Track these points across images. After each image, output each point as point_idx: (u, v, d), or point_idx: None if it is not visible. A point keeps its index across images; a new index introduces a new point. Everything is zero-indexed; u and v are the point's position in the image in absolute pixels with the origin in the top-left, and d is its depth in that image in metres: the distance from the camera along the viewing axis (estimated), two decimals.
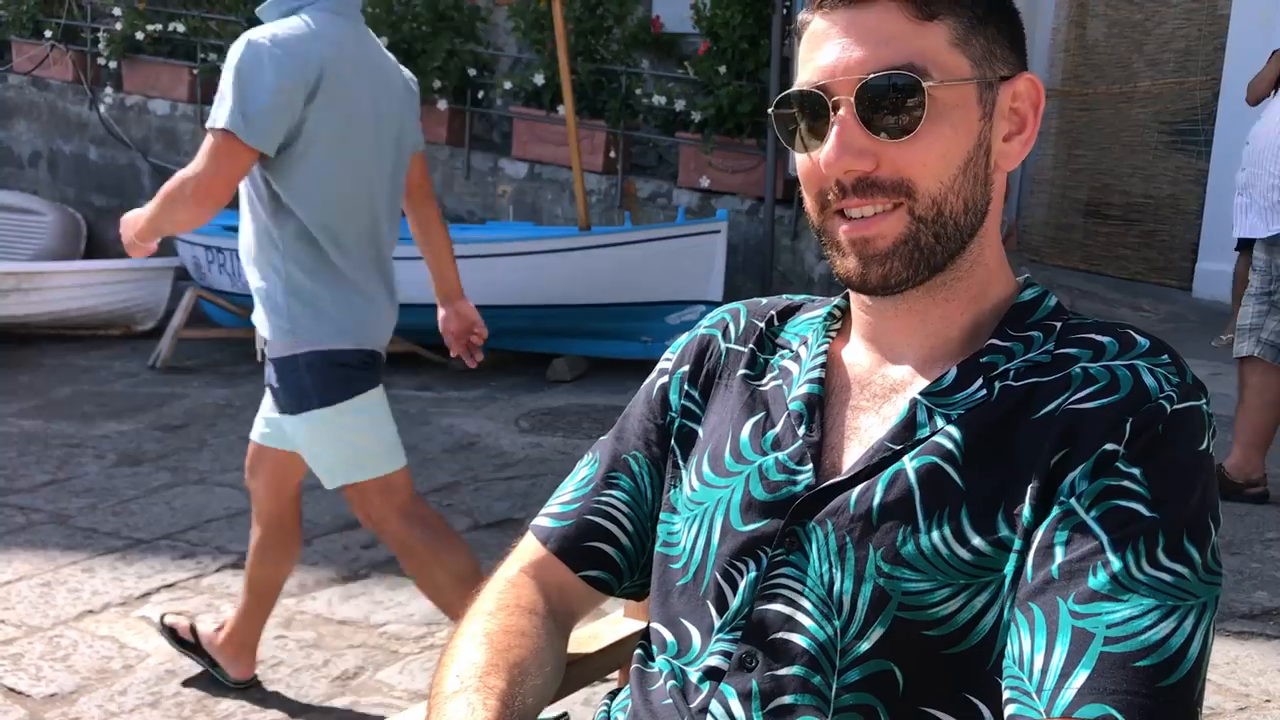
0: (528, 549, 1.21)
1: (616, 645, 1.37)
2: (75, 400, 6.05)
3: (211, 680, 3.00)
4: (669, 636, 1.10)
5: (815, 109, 1.01)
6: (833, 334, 1.15)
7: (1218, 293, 6.72)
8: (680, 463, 1.16)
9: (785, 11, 6.93)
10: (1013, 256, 5.14)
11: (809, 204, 1.07)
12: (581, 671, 1.32)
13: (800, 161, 1.06)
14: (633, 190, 7.62)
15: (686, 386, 1.19)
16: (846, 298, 1.17)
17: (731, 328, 1.21)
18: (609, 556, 1.18)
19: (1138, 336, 1.01)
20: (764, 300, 1.25)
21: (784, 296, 1.25)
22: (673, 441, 1.18)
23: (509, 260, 6.41)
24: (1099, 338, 1.01)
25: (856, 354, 1.11)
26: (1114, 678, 0.86)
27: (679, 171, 7.56)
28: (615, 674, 1.41)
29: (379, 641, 3.27)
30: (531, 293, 6.35)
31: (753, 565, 1.04)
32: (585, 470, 1.23)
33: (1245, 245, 6.27)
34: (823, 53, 1.01)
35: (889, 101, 0.98)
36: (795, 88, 1.03)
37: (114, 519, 4.23)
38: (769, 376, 1.15)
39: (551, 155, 7.68)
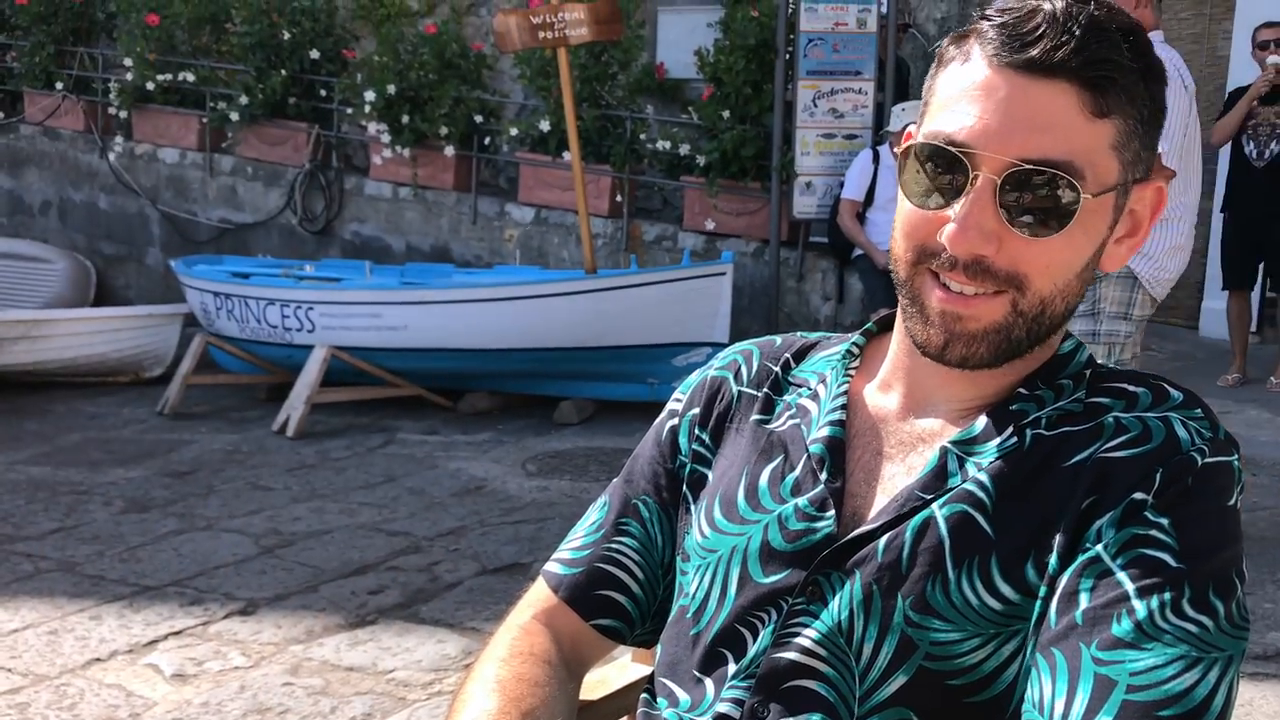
0: (539, 595, 1.19)
1: (624, 690, 1.37)
2: (83, 447, 6.06)
3: None
4: (680, 693, 1.07)
5: (951, 166, 0.94)
6: (852, 372, 1.12)
7: (1224, 331, 6.72)
8: (691, 508, 1.13)
9: (788, 57, 7.01)
10: None
11: (901, 251, 1.00)
12: (589, 717, 1.31)
13: (906, 213, 0.99)
14: (638, 234, 7.66)
15: (697, 430, 1.16)
16: (866, 335, 1.14)
17: (744, 369, 1.18)
18: (620, 605, 1.16)
19: (1170, 389, 0.99)
20: (778, 340, 1.21)
21: (798, 335, 1.21)
22: (684, 487, 1.15)
23: (516, 304, 6.44)
24: (1131, 388, 0.99)
25: (882, 397, 1.08)
26: None
27: (684, 215, 7.60)
28: None
29: (387, 688, 3.26)
30: (538, 336, 6.37)
31: (773, 614, 1.01)
32: (596, 515, 1.21)
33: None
34: (980, 109, 0.93)
35: (1039, 198, 0.92)
36: (937, 138, 0.95)
37: (121, 566, 4.22)
38: (785, 416, 1.12)
39: (557, 200, 7.73)
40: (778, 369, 1.16)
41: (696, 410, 1.18)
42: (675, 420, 1.19)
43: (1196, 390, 1.01)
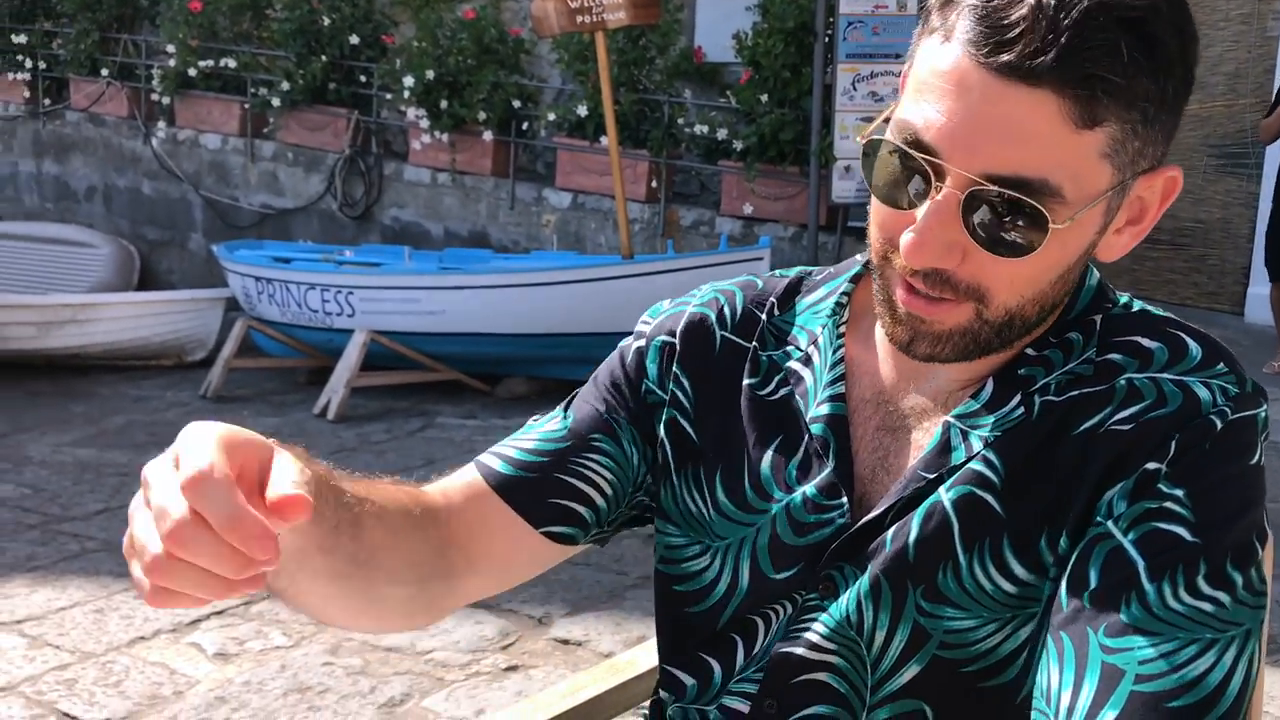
0: (457, 477, 1.06)
1: (654, 672, 1.38)
2: (128, 429, 6.15)
3: (259, 708, 3.03)
4: (687, 679, 1.04)
5: (916, 169, 0.86)
6: (844, 328, 1.03)
7: (1270, 317, 6.61)
8: (670, 461, 1.05)
9: (827, 40, 6.95)
10: None
11: (874, 242, 0.93)
12: (620, 698, 1.32)
13: (877, 215, 0.92)
14: (675, 218, 7.65)
15: (675, 369, 1.06)
16: (854, 281, 1.05)
17: (726, 311, 1.07)
18: (580, 516, 1.05)
19: (1189, 341, 0.91)
20: (760, 281, 1.10)
21: (779, 273, 1.11)
22: (660, 430, 1.05)
23: (553, 289, 6.45)
24: (1146, 343, 0.92)
25: (876, 361, 1.01)
26: (1143, 719, 0.80)
27: (721, 199, 7.58)
28: (646, 704, 1.41)
29: (425, 669, 3.29)
30: (576, 321, 6.38)
31: (787, 606, 0.98)
32: (556, 425, 1.07)
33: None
34: (949, 108, 0.83)
35: (1004, 218, 0.83)
36: (905, 132, 0.86)
37: None
38: (775, 382, 1.03)
39: (595, 185, 7.73)
40: (763, 316, 1.06)
41: (672, 342, 1.06)
42: (642, 343, 1.08)
43: None
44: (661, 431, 1.06)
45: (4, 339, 7.38)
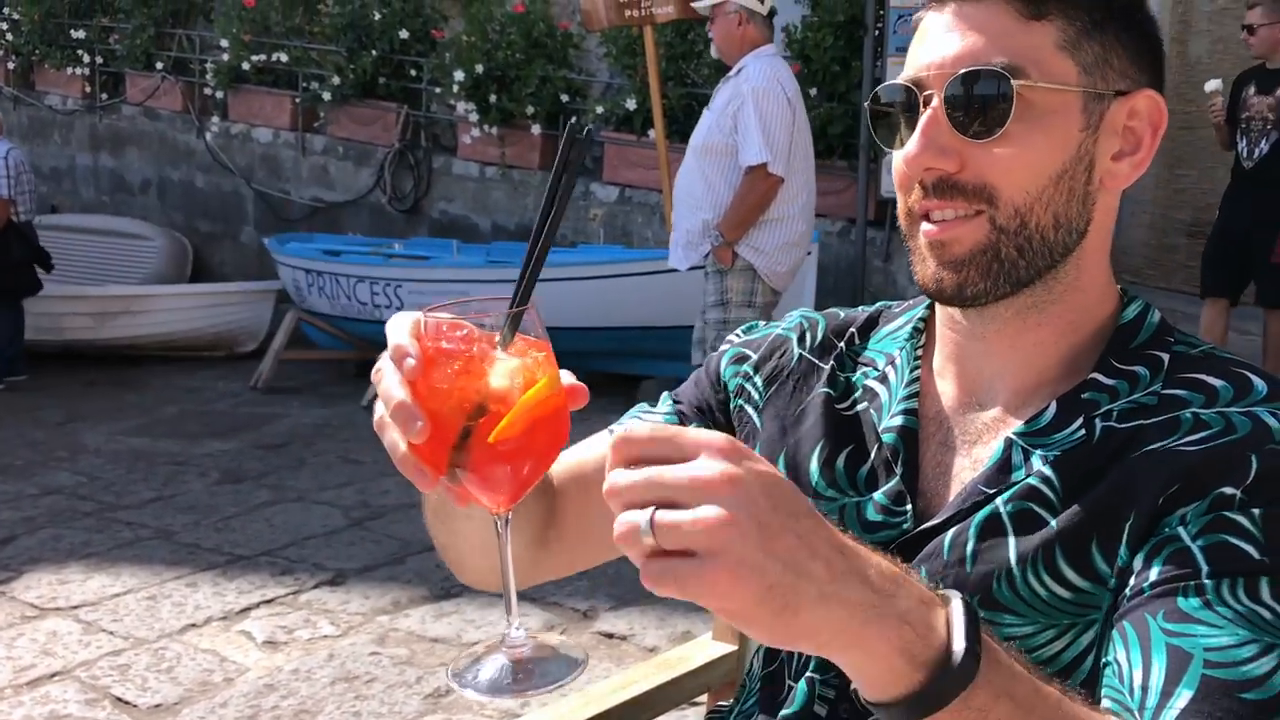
0: (570, 456, 1.15)
1: (705, 668, 1.37)
2: (180, 419, 6.24)
3: (307, 696, 3.06)
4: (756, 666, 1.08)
5: (910, 104, 0.97)
6: (920, 352, 1.09)
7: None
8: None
9: (877, 33, 6.90)
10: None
11: (901, 211, 1.01)
12: (671, 694, 1.32)
13: (895, 164, 1.00)
14: None
15: (750, 370, 1.14)
16: (930, 308, 1.10)
17: (809, 335, 1.15)
18: None
19: (1254, 379, 0.93)
20: (841, 313, 1.18)
21: (861, 309, 1.18)
22: (727, 417, 1.14)
23: (600, 283, 6.46)
24: (1211, 380, 0.94)
25: (945, 382, 1.05)
26: (1219, 705, 0.80)
27: None
28: (704, 697, 1.41)
29: None
30: (622, 315, 6.38)
31: None
32: (662, 405, 1.18)
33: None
34: (925, 48, 0.97)
35: (978, 99, 0.93)
36: (889, 82, 0.99)
37: (216, 535, 4.35)
38: (852, 400, 1.09)
39: (642, 179, 7.72)
40: (842, 344, 1.13)
41: (750, 353, 1.16)
42: (726, 347, 1.18)
43: None
44: (728, 419, 1.14)
45: (61, 329, 7.51)
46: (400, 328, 0.84)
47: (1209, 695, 0.80)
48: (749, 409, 1.13)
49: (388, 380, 0.81)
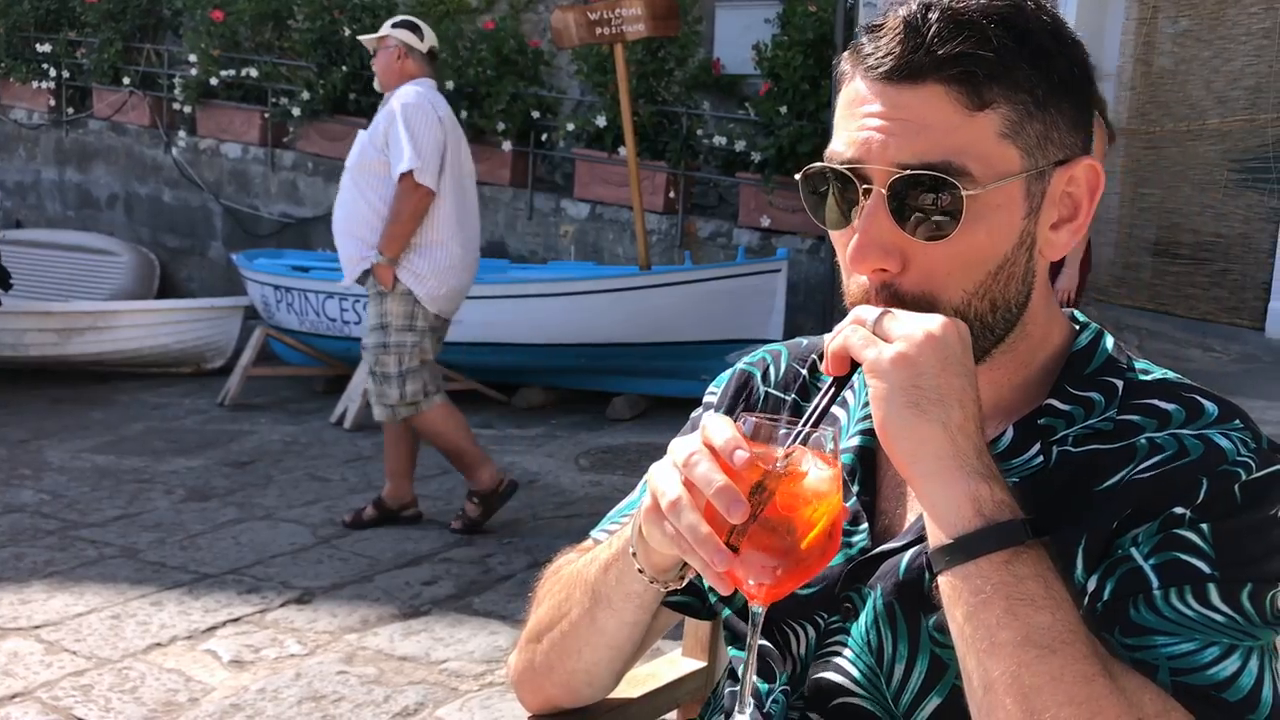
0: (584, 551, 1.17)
1: (675, 684, 1.37)
2: (146, 436, 6.17)
3: (274, 715, 3.03)
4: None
5: (847, 188, 0.95)
6: None
7: None
8: None
9: None
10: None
11: (844, 280, 1.00)
12: (640, 710, 1.31)
13: (837, 247, 1.00)
14: (693, 230, 7.65)
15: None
16: None
17: (772, 370, 1.17)
18: (694, 585, 1.10)
19: (1204, 402, 0.95)
20: (804, 341, 1.19)
21: (825, 336, 1.19)
22: None
23: (571, 300, 6.46)
24: (1164, 405, 0.96)
25: None
26: (1200, 708, 0.82)
27: (739, 211, 7.58)
28: (673, 714, 1.40)
29: (439, 678, 3.29)
30: (592, 331, 6.38)
31: (809, 628, 1.01)
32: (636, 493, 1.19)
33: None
34: (859, 124, 0.93)
35: (921, 200, 0.91)
36: (828, 160, 0.96)
37: (182, 553, 4.30)
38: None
39: (613, 196, 7.75)
40: (805, 371, 1.14)
41: (715, 399, 1.19)
42: (708, 403, 1.21)
43: (1266, 392, 0.98)
44: None
45: (26, 346, 7.42)
46: (720, 425, 0.87)
47: (1186, 704, 0.83)
48: None
49: (705, 467, 0.84)
